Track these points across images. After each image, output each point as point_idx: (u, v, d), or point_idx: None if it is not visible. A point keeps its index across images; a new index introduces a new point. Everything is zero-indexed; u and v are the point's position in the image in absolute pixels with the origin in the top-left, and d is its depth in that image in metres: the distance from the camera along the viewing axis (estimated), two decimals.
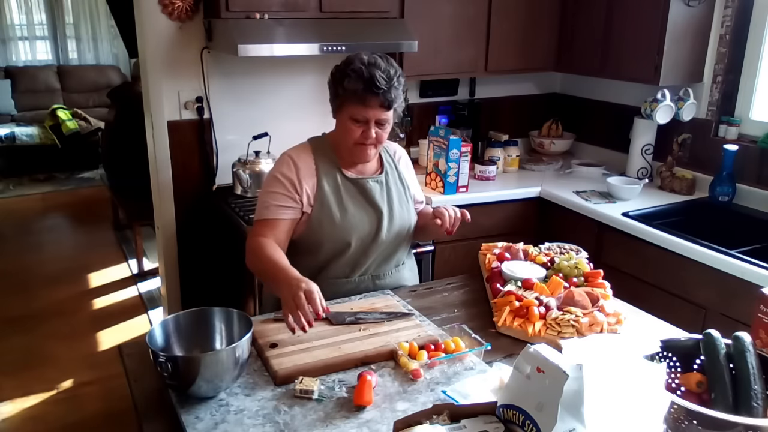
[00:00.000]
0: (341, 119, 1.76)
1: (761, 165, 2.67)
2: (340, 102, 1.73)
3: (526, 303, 1.65)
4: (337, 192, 1.80)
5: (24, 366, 3.26)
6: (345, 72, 1.69)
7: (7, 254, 4.68)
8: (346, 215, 1.79)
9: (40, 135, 6.51)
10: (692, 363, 1.22)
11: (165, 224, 2.93)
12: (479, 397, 1.29)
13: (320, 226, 1.78)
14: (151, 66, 2.73)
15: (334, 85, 1.74)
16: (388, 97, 1.68)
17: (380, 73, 1.66)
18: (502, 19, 3.02)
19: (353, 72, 1.67)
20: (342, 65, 1.73)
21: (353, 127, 1.72)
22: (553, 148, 3.46)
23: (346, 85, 1.68)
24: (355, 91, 1.68)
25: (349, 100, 1.70)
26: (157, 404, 1.36)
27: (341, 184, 1.81)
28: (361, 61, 1.69)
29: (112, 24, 7.28)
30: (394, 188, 1.88)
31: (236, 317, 1.45)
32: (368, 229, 1.82)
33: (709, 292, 2.25)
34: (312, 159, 1.80)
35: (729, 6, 2.72)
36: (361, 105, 1.69)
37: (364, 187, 1.83)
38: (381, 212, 1.83)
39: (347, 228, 1.79)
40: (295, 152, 1.82)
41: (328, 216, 1.78)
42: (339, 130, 1.79)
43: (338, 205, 1.79)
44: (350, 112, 1.72)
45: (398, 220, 1.87)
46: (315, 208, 1.78)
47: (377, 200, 1.84)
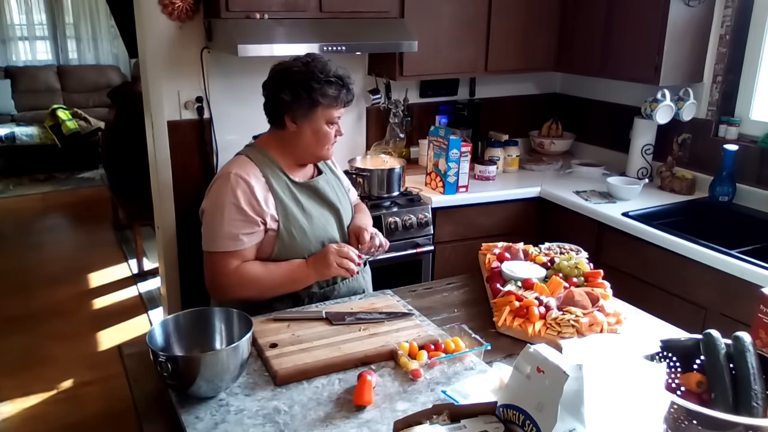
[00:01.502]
0: (313, 125, 1.75)
1: (761, 165, 2.67)
2: (317, 110, 1.73)
3: (526, 303, 1.65)
4: (295, 200, 1.79)
5: (24, 366, 3.26)
6: (325, 80, 1.70)
7: (7, 254, 4.68)
8: (312, 220, 1.79)
9: (40, 135, 6.51)
10: (692, 363, 1.22)
11: (165, 224, 2.93)
12: (479, 397, 1.29)
13: (291, 239, 1.75)
14: (151, 66, 2.73)
15: (309, 94, 1.70)
16: (353, 96, 1.80)
17: (345, 74, 1.75)
18: (502, 19, 3.02)
19: (335, 77, 1.71)
20: (316, 74, 1.70)
21: (328, 129, 1.76)
22: (553, 148, 3.46)
23: (328, 92, 1.71)
24: (336, 96, 1.72)
25: (329, 106, 1.73)
26: (157, 404, 1.36)
27: (296, 191, 1.80)
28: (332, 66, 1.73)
29: (112, 24, 7.28)
30: (334, 182, 1.93)
31: (236, 317, 1.45)
32: (333, 227, 1.85)
33: (709, 292, 2.25)
34: (259, 173, 1.75)
35: (729, 6, 2.72)
36: (338, 107, 1.75)
37: (317, 189, 1.84)
38: (338, 209, 1.87)
39: (316, 233, 1.79)
40: (241, 169, 1.74)
41: (297, 226, 1.76)
42: (310, 136, 1.76)
43: (301, 213, 1.78)
44: (327, 116, 1.74)
45: (347, 212, 1.92)
46: (281, 223, 1.74)
47: (331, 198, 1.86)
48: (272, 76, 1.78)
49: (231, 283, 1.72)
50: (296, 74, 1.71)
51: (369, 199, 2.71)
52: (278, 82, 1.74)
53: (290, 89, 1.71)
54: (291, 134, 1.77)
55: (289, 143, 1.79)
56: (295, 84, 1.71)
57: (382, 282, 2.05)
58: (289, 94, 1.71)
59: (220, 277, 1.73)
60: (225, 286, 1.73)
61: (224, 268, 1.71)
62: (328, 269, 1.72)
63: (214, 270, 1.73)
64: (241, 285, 1.72)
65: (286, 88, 1.71)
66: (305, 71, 1.71)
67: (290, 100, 1.71)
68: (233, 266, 1.71)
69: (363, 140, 3.21)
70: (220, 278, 1.73)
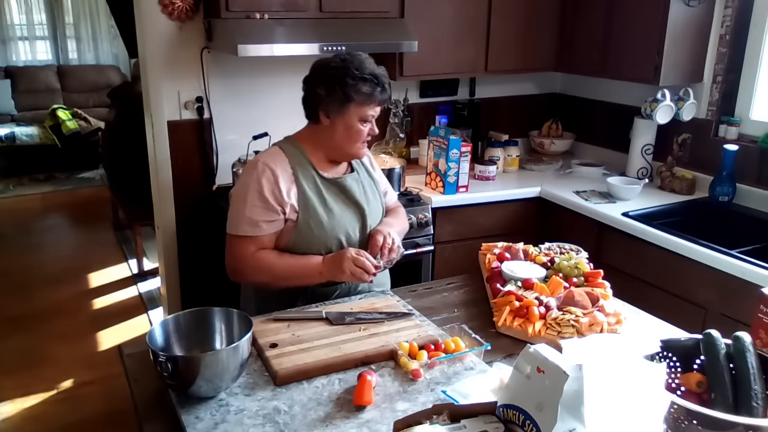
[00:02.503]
0: (346, 122, 1.76)
1: (761, 165, 2.67)
2: (350, 106, 1.74)
3: (526, 303, 1.65)
4: (319, 194, 1.80)
5: (24, 366, 3.26)
6: (360, 77, 1.71)
7: (7, 254, 4.68)
8: (332, 216, 1.80)
9: (40, 135, 6.51)
10: (692, 363, 1.22)
11: (165, 224, 2.93)
12: (479, 397, 1.29)
13: (309, 231, 1.77)
14: (151, 66, 2.73)
15: (343, 90, 1.72)
16: (390, 94, 1.81)
17: (382, 72, 1.76)
18: (502, 19, 3.02)
19: (371, 75, 1.73)
20: (352, 71, 1.72)
21: (361, 127, 1.77)
22: (553, 148, 3.46)
23: (362, 89, 1.72)
24: (371, 94, 1.73)
25: (363, 103, 1.74)
26: (157, 404, 1.36)
27: (321, 186, 1.81)
28: (368, 64, 1.75)
29: (112, 24, 7.27)
30: (366, 183, 1.92)
31: (236, 317, 1.45)
32: (354, 227, 1.85)
33: (709, 292, 2.25)
34: (288, 164, 1.78)
35: (729, 6, 2.72)
36: (372, 105, 1.76)
37: (344, 186, 1.85)
38: (363, 209, 1.86)
39: (335, 229, 1.80)
40: (270, 158, 1.78)
41: (316, 220, 1.78)
42: (343, 132, 1.78)
43: (323, 207, 1.79)
44: (360, 113, 1.75)
45: (374, 214, 1.91)
46: (300, 214, 1.76)
47: (358, 197, 1.86)
48: (311, 71, 1.81)
49: (246, 267, 1.77)
50: (332, 70, 1.74)
51: None
52: (315, 76, 1.78)
53: (325, 84, 1.74)
54: (324, 129, 1.79)
55: (322, 138, 1.82)
56: (331, 79, 1.73)
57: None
58: (324, 88, 1.74)
59: (237, 260, 1.78)
60: (241, 269, 1.78)
61: (242, 251, 1.76)
62: (341, 274, 1.72)
63: (233, 252, 1.79)
64: (255, 270, 1.76)
65: (321, 83, 1.75)
66: (341, 67, 1.73)
67: (324, 95, 1.75)
68: (250, 251, 1.76)
69: None
70: (236, 261, 1.78)
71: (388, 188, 2.07)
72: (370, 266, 1.71)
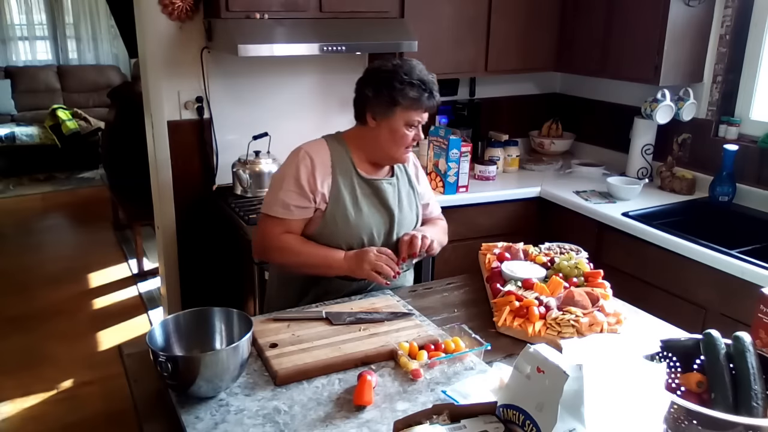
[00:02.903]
0: (392, 125, 1.78)
1: (761, 165, 2.67)
2: (396, 109, 1.76)
3: (526, 303, 1.65)
4: (352, 191, 1.82)
5: (24, 366, 3.26)
6: (409, 82, 1.73)
7: (7, 254, 4.68)
8: (360, 214, 1.82)
9: (40, 135, 6.51)
10: (692, 363, 1.22)
11: (165, 224, 2.93)
12: (479, 397, 1.29)
13: (334, 224, 1.80)
14: (151, 66, 2.73)
15: (390, 93, 1.74)
16: (438, 101, 1.83)
17: (431, 79, 1.78)
18: (502, 19, 3.02)
19: (419, 80, 1.74)
20: (400, 75, 1.73)
21: (407, 131, 1.79)
22: (553, 148, 3.46)
23: (409, 94, 1.73)
24: (418, 99, 1.75)
25: (409, 108, 1.76)
26: (157, 404, 1.36)
27: (356, 184, 1.83)
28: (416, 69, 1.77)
29: (112, 24, 7.28)
30: (404, 191, 1.93)
31: (236, 317, 1.45)
32: (380, 230, 1.86)
33: (709, 292, 2.25)
34: (329, 156, 1.82)
35: (729, 6, 2.72)
36: (418, 110, 1.78)
37: (379, 188, 1.86)
38: (393, 214, 1.87)
39: (360, 227, 1.82)
40: (313, 148, 1.83)
41: (343, 214, 1.80)
42: (387, 135, 1.79)
43: (353, 204, 1.81)
44: (406, 118, 1.77)
45: (406, 222, 1.91)
46: (330, 206, 1.80)
47: (390, 202, 1.87)
48: (363, 74, 1.84)
49: (272, 247, 1.82)
50: (382, 73, 1.77)
51: None
52: (366, 78, 1.81)
53: (374, 86, 1.77)
54: (370, 131, 1.82)
55: (367, 140, 1.84)
56: (379, 82, 1.76)
57: None
58: (372, 90, 1.77)
59: (265, 238, 1.84)
60: (267, 248, 1.84)
61: (271, 231, 1.82)
62: (360, 271, 1.76)
63: (261, 230, 1.85)
64: (280, 251, 1.82)
65: (370, 85, 1.78)
66: (391, 71, 1.76)
67: (372, 96, 1.77)
68: (278, 232, 1.81)
69: None
70: (265, 239, 1.84)
71: (431, 201, 2.08)
72: (389, 270, 1.74)
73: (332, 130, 1.94)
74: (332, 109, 3.04)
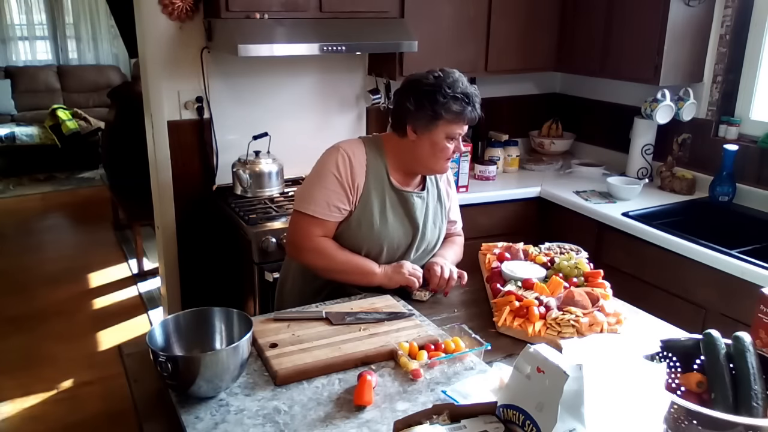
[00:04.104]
0: (433, 138, 1.75)
1: (761, 165, 2.67)
2: (439, 123, 1.74)
3: (526, 303, 1.65)
4: (381, 198, 1.81)
5: (24, 366, 3.26)
6: (452, 96, 1.71)
7: (7, 254, 4.68)
8: (385, 224, 1.81)
9: (40, 135, 6.51)
10: (692, 363, 1.22)
11: (165, 224, 2.93)
12: (479, 397, 1.29)
13: (358, 228, 1.79)
14: (151, 66, 2.73)
15: (433, 107, 1.72)
16: (480, 114, 1.79)
17: (473, 92, 1.76)
18: (502, 19, 3.02)
19: (463, 94, 1.72)
20: (444, 89, 1.71)
21: (447, 144, 1.77)
22: (553, 148, 3.46)
23: (453, 108, 1.71)
24: (461, 113, 1.73)
25: (452, 121, 1.74)
26: (157, 404, 1.36)
27: (387, 193, 1.82)
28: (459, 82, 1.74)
29: (112, 24, 7.28)
30: (432, 205, 1.91)
31: (236, 317, 1.45)
32: (401, 242, 1.85)
33: (709, 292, 2.25)
34: (365, 158, 1.80)
35: (729, 6, 2.72)
36: (460, 123, 1.76)
37: (407, 200, 1.84)
38: (417, 228, 1.86)
39: (382, 236, 1.81)
40: (350, 148, 1.80)
41: (368, 220, 1.79)
42: (428, 148, 1.77)
43: (380, 212, 1.80)
44: (447, 131, 1.75)
45: (428, 237, 1.91)
46: (357, 209, 1.79)
47: (416, 215, 1.86)
48: (403, 84, 1.81)
49: (308, 247, 1.79)
50: (425, 86, 1.74)
51: None
52: (407, 90, 1.78)
53: (416, 99, 1.74)
54: (410, 143, 1.79)
55: (406, 151, 1.81)
56: (422, 95, 1.73)
57: None
58: (414, 103, 1.74)
59: (301, 237, 1.80)
60: (303, 247, 1.81)
61: (308, 230, 1.78)
62: (399, 275, 1.78)
63: (299, 229, 1.81)
64: (316, 252, 1.79)
65: (412, 98, 1.75)
66: (434, 84, 1.73)
67: (414, 110, 1.74)
68: (316, 233, 1.78)
69: None
70: (301, 239, 1.80)
71: (458, 218, 2.07)
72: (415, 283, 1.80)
73: (332, 130, 1.93)
74: (332, 109, 3.03)
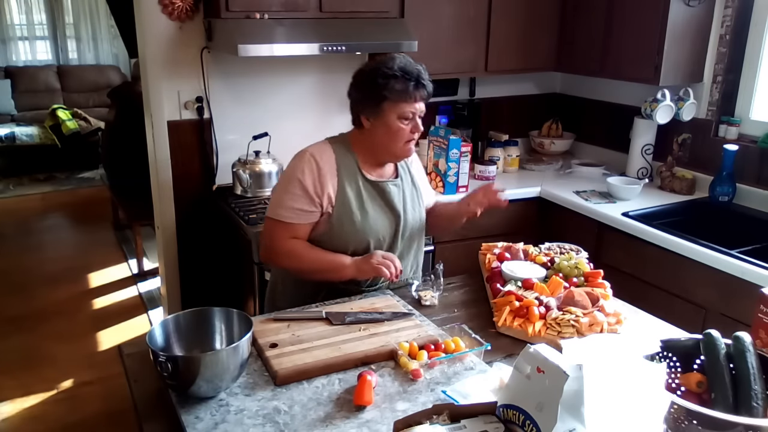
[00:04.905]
0: (386, 121, 1.76)
1: (761, 165, 2.67)
2: (384, 105, 1.74)
3: (526, 303, 1.65)
4: (358, 194, 1.82)
5: (24, 366, 3.26)
6: (391, 75, 1.71)
7: (7, 254, 4.68)
8: (366, 217, 1.81)
9: (40, 135, 6.51)
10: (692, 363, 1.22)
11: (165, 224, 2.93)
12: (479, 397, 1.29)
13: (341, 227, 1.79)
14: (151, 66, 2.73)
15: (375, 90, 1.73)
16: (429, 89, 1.78)
17: (415, 68, 1.75)
18: (502, 19, 3.02)
19: (401, 71, 1.72)
20: (381, 69, 1.72)
21: (402, 125, 1.77)
22: (553, 148, 3.46)
23: (394, 87, 1.71)
24: (404, 90, 1.72)
25: (397, 100, 1.73)
26: (157, 404, 1.36)
27: (362, 186, 1.83)
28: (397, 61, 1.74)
29: (112, 24, 7.28)
30: (408, 191, 1.92)
31: (236, 317, 1.45)
32: (386, 232, 1.86)
33: (709, 292, 2.25)
34: (334, 159, 1.81)
35: (729, 6, 2.72)
36: (410, 101, 1.75)
37: (384, 190, 1.85)
38: (399, 215, 1.87)
39: (367, 230, 1.82)
40: (317, 151, 1.81)
41: (349, 216, 1.79)
42: (385, 133, 1.78)
43: (359, 207, 1.81)
44: (398, 112, 1.75)
45: (411, 223, 1.91)
46: (336, 209, 1.79)
47: (395, 203, 1.87)
48: (352, 77, 1.83)
49: (279, 251, 1.81)
50: (366, 73, 1.76)
51: None
52: (352, 82, 1.81)
53: (358, 87, 1.77)
54: (368, 132, 1.81)
55: (368, 141, 1.83)
56: (363, 82, 1.76)
57: None
58: (358, 92, 1.77)
59: (272, 242, 1.82)
60: (274, 252, 1.83)
61: (277, 235, 1.81)
62: (368, 266, 1.77)
63: (270, 235, 1.83)
64: (286, 255, 1.81)
65: (356, 87, 1.78)
66: (372, 68, 1.75)
67: (360, 97, 1.77)
68: (285, 237, 1.80)
69: None
70: (272, 244, 1.82)
71: (433, 196, 2.10)
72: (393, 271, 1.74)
73: (332, 130, 1.93)
74: (332, 109, 3.04)
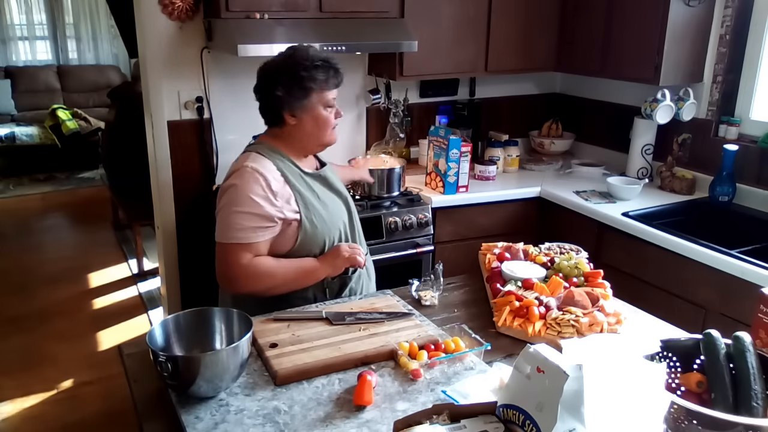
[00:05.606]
0: (313, 112, 1.77)
1: (761, 165, 2.67)
2: (312, 96, 1.75)
3: (526, 303, 1.65)
4: (311, 190, 1.81)
5: (24, 366, 3.26)
6: (312, 66, 1.73)
7: (7, 254, 4.68)
8: (327, 208, 1.83)
9: (40, 135, 6.51)
10: (692, 363, 1.22)
11: (165, 224, 2.93)
12: (479, 397, 1.29)
13: (313, 227, 1.78)
14: (151, 66, 2.73)
15: (300, 84, 1.72)
16: (342, 76, 1.81)
17: (330, 56, 1.78)
18: (502, 19, 3.02)
19: (321, 60, 1.74)
20: (301, 63, 1.72)
21: (326, 113, 1.79)
22: (553, 148, 3.46)
23: (318, 77, 1.73)
24: (326, 79, 1.75)
25: (323, 89, 1.76)
26: (157, 404, 1.36)
27: (309, 181, 1.82)
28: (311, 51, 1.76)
29: (112, 24, 7.28)
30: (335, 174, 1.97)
31: (236, 317, 1.45)
32: (344, 215, 1.89)
33: (709, 292, 2.25)
34: (273, 166, 1.75)
35: (729, 6, 2.72)
36: (330, 89, 1.78)
37: (326, 178, 1.89)
38: (346, 197, 1.93)
39: (335, 220, 1.84)
40: (256, 163, 1.73)
41: (317, 214, 1.79)
42: (311, 125, 1.78)
43: (318, 201, 1.81)
44: (324, 101, 1.77)
45: (353, 202, 1.97)
46: (302, 213, 1.75)
47: (339, 187, 1.92)
48: (261, 77, 1.80)
49: (243, 275, 1.70)
50: (283, 68, 1.75)
51: (369, 199, 2.71)
52: (268, 80, 1.77)
53: (281, 84, 1.73)
54: (293, 128, 1.79)
55: (294, 138, 1.81)
56: (285, 77, 1.74)
57: (382, 282, 2.05)
58: (282, 89, 1.73)
59: (232, 268, 1.70)
60: (237, 277, 1.71)
61: (237, 260, 1.69)
62: (340, 258, 1.78)
63: (227, 261, 1.70)
64: (254, 277, 1.70)
65: (277, 84, 1.74)
66: (291, 63, 1.74)
67: (285, 95, 1.74)
68: (246, 259, 1.69)
69: (363, 140, 3.21)
70: (231, 270, 1.70)
71: None
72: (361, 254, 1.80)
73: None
74: None
